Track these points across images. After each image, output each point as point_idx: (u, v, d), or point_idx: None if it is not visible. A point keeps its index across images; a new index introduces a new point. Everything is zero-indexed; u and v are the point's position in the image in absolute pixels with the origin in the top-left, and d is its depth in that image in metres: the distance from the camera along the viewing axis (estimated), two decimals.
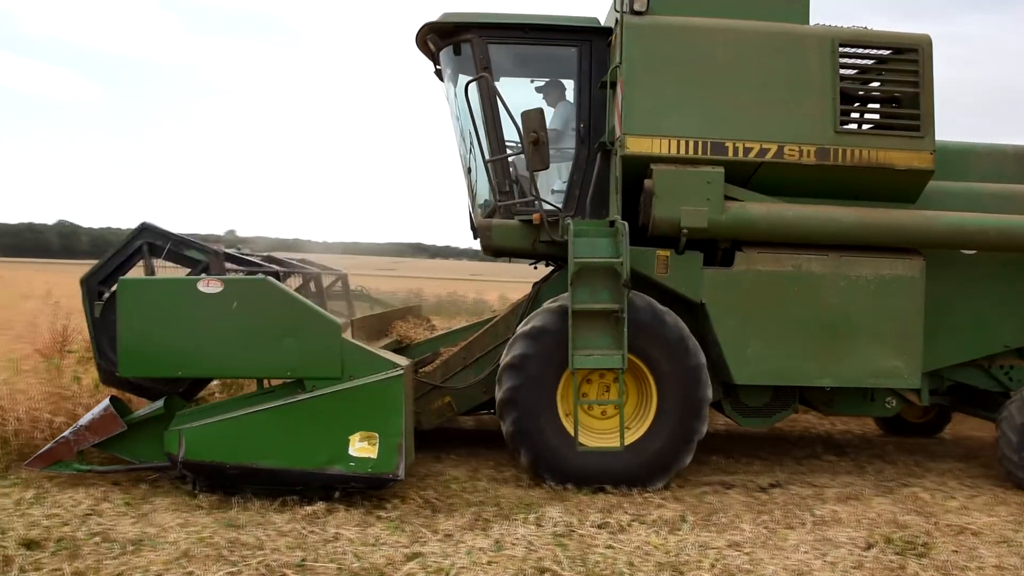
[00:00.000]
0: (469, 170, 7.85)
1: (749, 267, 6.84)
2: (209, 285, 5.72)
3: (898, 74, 6.97)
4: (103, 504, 5.44)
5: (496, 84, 7.22)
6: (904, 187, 6.96)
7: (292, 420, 5.70)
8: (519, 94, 7.60)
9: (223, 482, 5.77)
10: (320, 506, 5.49)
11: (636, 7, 6.70)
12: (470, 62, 7.31)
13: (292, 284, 8.29)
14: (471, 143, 7.55)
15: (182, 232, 6.44)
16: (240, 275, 6.46)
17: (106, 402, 6.08)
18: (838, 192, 6.94)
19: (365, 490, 5.76)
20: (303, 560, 4.55)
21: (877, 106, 7.13)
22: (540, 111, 6.90)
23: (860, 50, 6.95)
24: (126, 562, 4.42)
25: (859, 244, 6.92)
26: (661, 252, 6.86)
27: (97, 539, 4.74)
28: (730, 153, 6.70)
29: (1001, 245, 7.07)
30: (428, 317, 10.15)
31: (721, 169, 6.67)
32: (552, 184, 7.71)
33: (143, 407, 6.26)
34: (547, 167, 7.04)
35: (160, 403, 6.07)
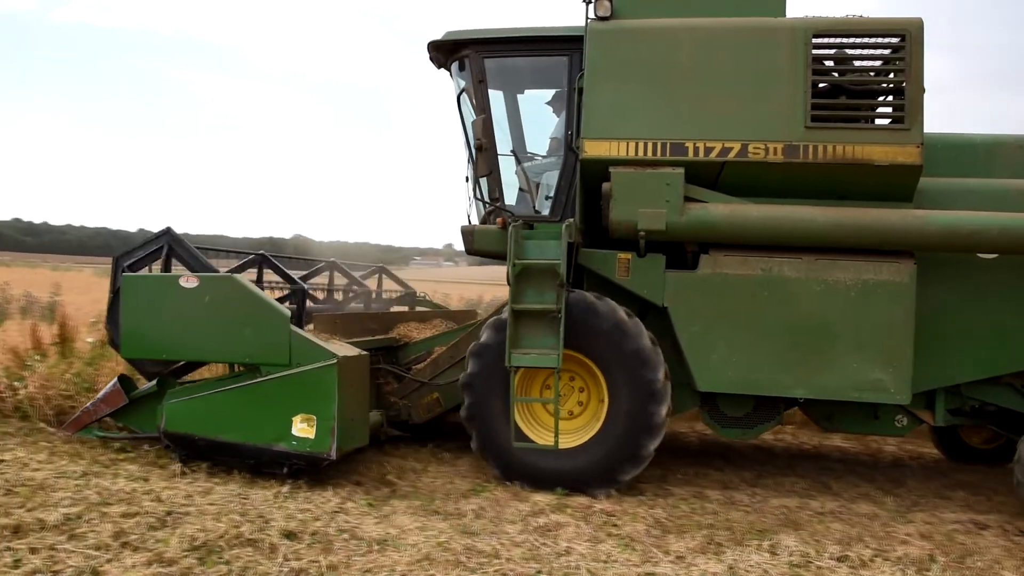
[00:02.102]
0: (467, 178, 7.91)
1: (715, 270, 6.68)
2: (188, 281, 6.69)
3: (881, 63, 6.57)
4: (348, 503, 5.80)
5: (489, 96, 7.43)
6: (891, 184, 6.49)
7: (247, 400, 6.49)
8: (531, 106, 7.91)
9: (194, 452, 6.67)
10: (552, 518, 5.62)
11: (600, 13, 6.79)
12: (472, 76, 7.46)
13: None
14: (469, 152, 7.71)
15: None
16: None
17: (115, 380, 7.28)
18: (817, 191, 6.59)
19: (306, 468, 6.36)
20: (538, 572, 4.71)
21: (844, 98, 6.62)
22: (484, 119, 7.20)
23: (838, 39, 6.56)
24: (373, 560, 4.73)
25: (838, 246, 6.53)
26: (622, 255, 6.86)
27: (346, 536, 5.09)
28: (690, 153, 6.57)
29: (1005, 247, 6.41)
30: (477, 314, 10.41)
31: (681, 170, 6.56)
32: (546, 191, 7.70)
33: (145, 385, 7.33)
34: (491, 173, 7.28)
35: (154, 382, 7.12)
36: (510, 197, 7.64)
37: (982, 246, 6.46)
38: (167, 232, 7.15)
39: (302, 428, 6.31)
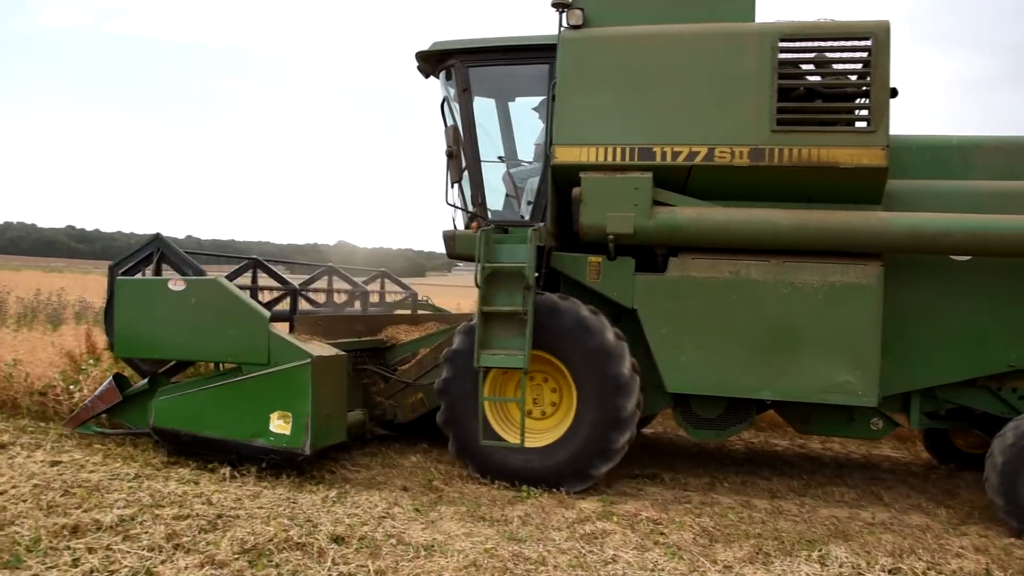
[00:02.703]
0: (452, 183, 7.97)
1: (683, 273, 6.78)
2: (176, 284, 7.01)
3: (847, 66, 6.57)
4: (395, 508, 5.86)
5: (478, 103, 7.63)
6: (857, 187, 6.50)
7: (229, 398, 6.80)
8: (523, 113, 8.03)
9: (180, 447, 7.01)
10: (598, 526, 5.60)
11: (572, 22, 6.91)
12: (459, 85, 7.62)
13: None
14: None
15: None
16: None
17: (111, 378, 7.64)
18: (785, 194, 6.63)
19: (282, 463, 6.65)
20: None
21: (820, 101, 6.62)
22: (454, 128, 7.39)
23: (804, 44, 6.59)
24: (421, 566, 4.76)
25: (803, 249, 6.57)
26: (593, 258, 7.02)
27: (393, 541, 5.13)
28: (658, 158, 6.66)
29: (971, 249, 6.38)
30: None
31: (649, 175, 6.66)
32: (529, 196, 7.83)
33: (138, 383, 7.65)
34: (459, 180, 7.53)
35: (146, 380, 7.49)
36: (496, 202, 7.80)
37: (948, 248, 6.42)
38: (157, 237, 7.54)
39: (279, 424, 6.59)
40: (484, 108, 7.89)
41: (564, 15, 6.92)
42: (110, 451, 7.09)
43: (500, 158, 7.89)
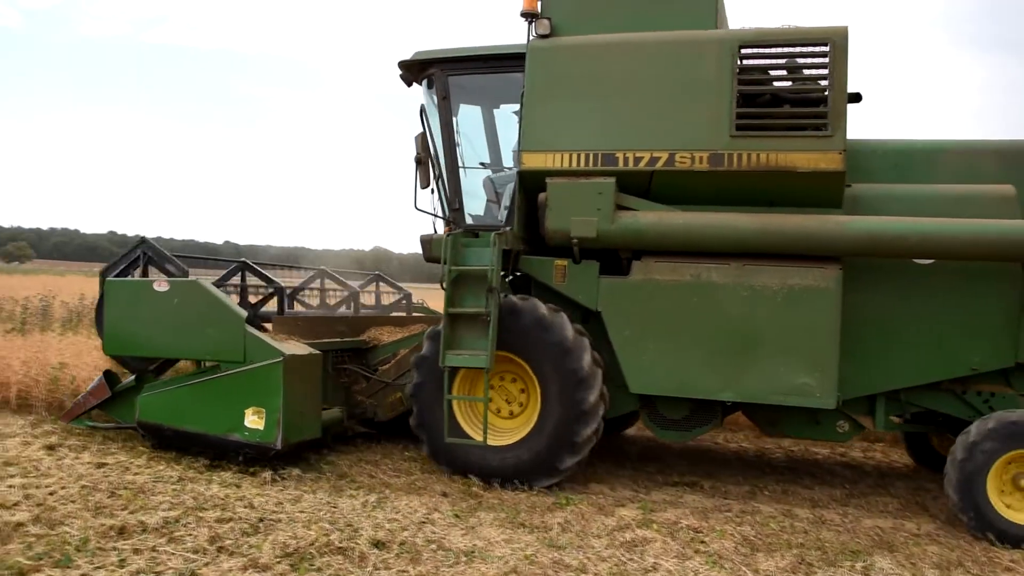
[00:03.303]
0: (432, 189, 8.16)
1: (645, 276, 6.91)
2: (160, 285, 7.34)
3: (805, 71, 6.66)
4: (435, 514, 5.88)
5: (460, 110, 7.80)
6: (816, 190, 6.57)
7: (207, 394, 7.10)
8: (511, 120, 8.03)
9: (164, 441, 7.33)
10: (638, 533, 5.59)
11: (540, 32, 7.12)
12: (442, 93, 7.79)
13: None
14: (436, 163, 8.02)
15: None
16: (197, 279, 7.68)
17: (101, 375, 8.06)
18: (745, 199, 6.74)
19: (256, 457, 6.91)
20: None
21: (784, 107, 6.70)
22: (423, 135, 7.53)
23: (764, 50, 6.71)
24: (461, 572, 4.80)
25: (761, 252, 6.63)
26: (559, 261, 7.20)
27: (433, 546, 5.14)
28: (621, 164, 6.82)
29: (927, 252, 6.42)
30: None
31: (612, 180, 6.82)
32: (506, 201, 7.88)
33: (127, 380, 8.03)
34: (427, 186, 7.72)
35: (132, 377, 7.87)
36: (479, 207, 7.95)
37: (905, 252, 6.45)
38: (143, 242, 7.97)
39: (253, 420, 6.87)
40: (470, 115, 8.08)
41: (533, 25, 7.15)
42: (154, 453, 7.19)
43: (483, 164, 8.05)
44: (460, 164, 7.84)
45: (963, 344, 6.59)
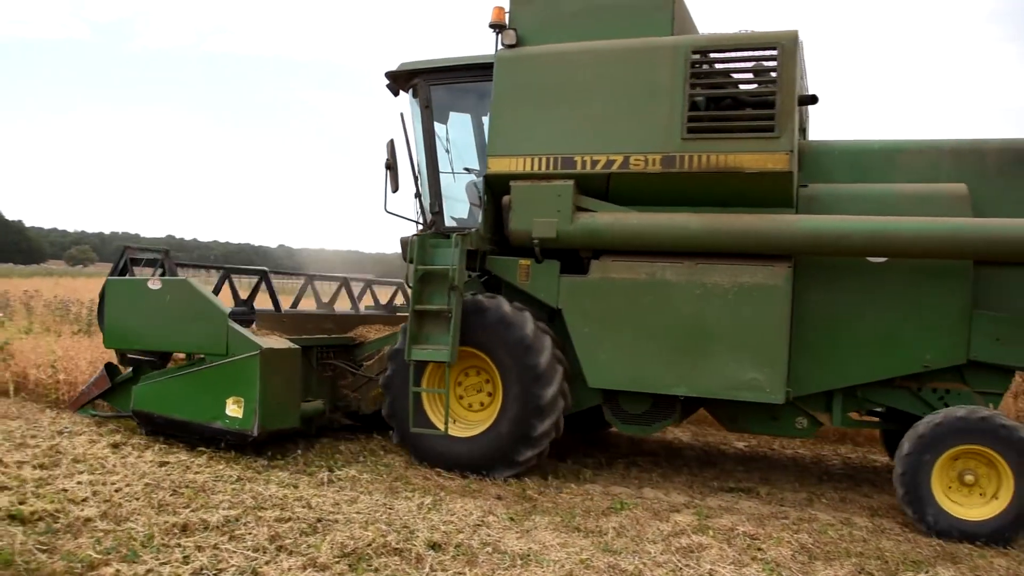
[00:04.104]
0: (416, 193, 8.49)
1: (604, 275, 7.15)
2: (154, 284, 7.87)
3: (753, 75, 6.85)
4: (490, 517, 5.92)
5: (444, 118, 8.15)
6: (765, 190, 6.72)
7: (193, 384, 7.56)
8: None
9: (155, 428, 7.80)
10: (694, 539, 5.54)
11: (506, 42, 7.45)
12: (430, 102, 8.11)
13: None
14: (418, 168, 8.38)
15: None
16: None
17: (103, 367, 8.77)
18: (699, 199, 6.92)
19: (236, 443, 7.34)
20: None
21: (727, 109, 6.91)
22: (392, 142, 7.90)
23: (715, 55, 6.90)
24: (517, 575, 4.76)
25: (712, 251, 6.81)
26: (523, 261, 7.50)
27: (489, 549, 5.16)
28: (579, 167, 7.10)
29: (873, 250, 6.53)
30: None
31: (571, 182, 7.10)
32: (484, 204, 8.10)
33: (125, 371, 8.59)
34: (397, 190, 7.99)
35: (130, 369, 8.43)
36: (463, 211, 8.20)
37: (849, 250, 6.57)
38: (127, 247, 8.69)
39: (233, 409, 7.31)
40: (455, 121, 8.36)
41: (500, 36, 7.50)
42: (213, 453, 7.34)
43: (467, 169, 8.23)
44: (450, 168, 8.17)
45: (916, 341, 6.67)
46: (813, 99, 7.32)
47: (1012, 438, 6.02)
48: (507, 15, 7.56)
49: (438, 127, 8.20)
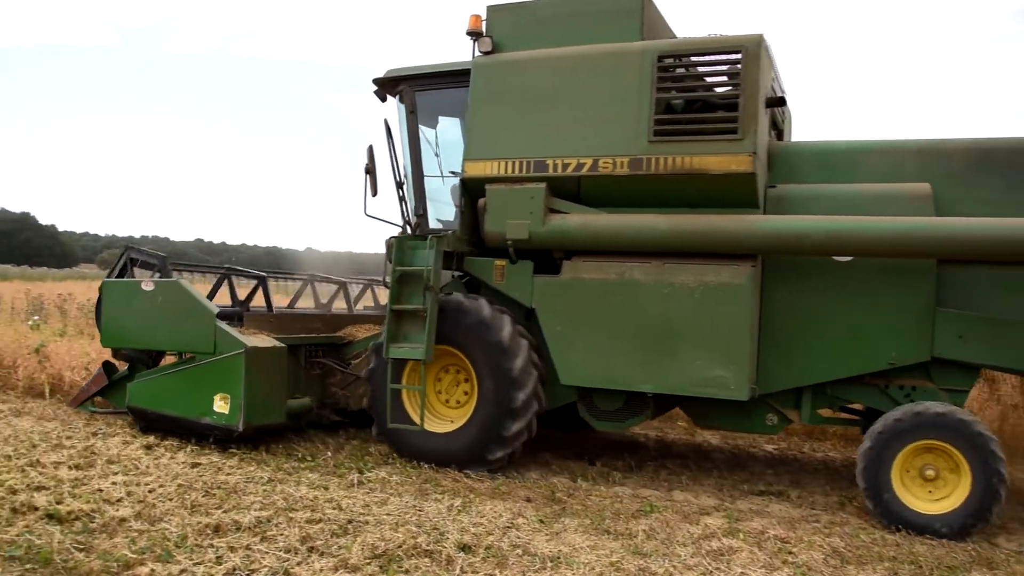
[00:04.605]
0: (401, 197, 8.65)
1: (575, 275, 7.32)
2: (147, 285, 8.21)
3: (718, 78, 7.01)
4: (519, 519, 5.92)
5: (433, 124, 8.37)
6: (729, 191, 6.83)
7: (183, 381, 7.89)
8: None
9: (148, 424, 8.09)
10: (724, 543, 5.51)
11: (482, 49, 7.67)
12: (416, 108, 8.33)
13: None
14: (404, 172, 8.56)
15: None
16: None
17: (101, 365, 9.15)
18: (666, 201, 7.05)
19: (223, 438, 7.60)
20: None
21: (695, 112, 7.03)
22: (371, 147, 8.16)
23: (681, 59, 7.04)
24: None
25: (678, 251, 6.95)
26: (498, 262, 7.68)
27: (519, 551, 5.16)
28: (551, 170, 7.27)
29: (831, 249, 6.66)
30: None
31: (543, 185, 7.29)
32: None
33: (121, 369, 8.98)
34: (376, 194, 8.25)
35: (126, 367, 8.79)
36: (448, 214, 8.32)
37: (808, 249, 6.70)
38: (128, 248, 9.13)
39: (220, 405, 7.59)
40: (444, 125, 8.53)
41: (476, 43, 7.71)
42: (244, 455, 7.42)
43: (452, 173, 8.34)
44: (436, 172, 8.37)
45: (881, 339, 6.77)
46: (781, 101, 7.45)
47: (968, 433, 6.13)
48: (484, 23, 7.76)
49: (426, 131, 8.42)
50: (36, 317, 14.98)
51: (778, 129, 8.18)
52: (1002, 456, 6.09)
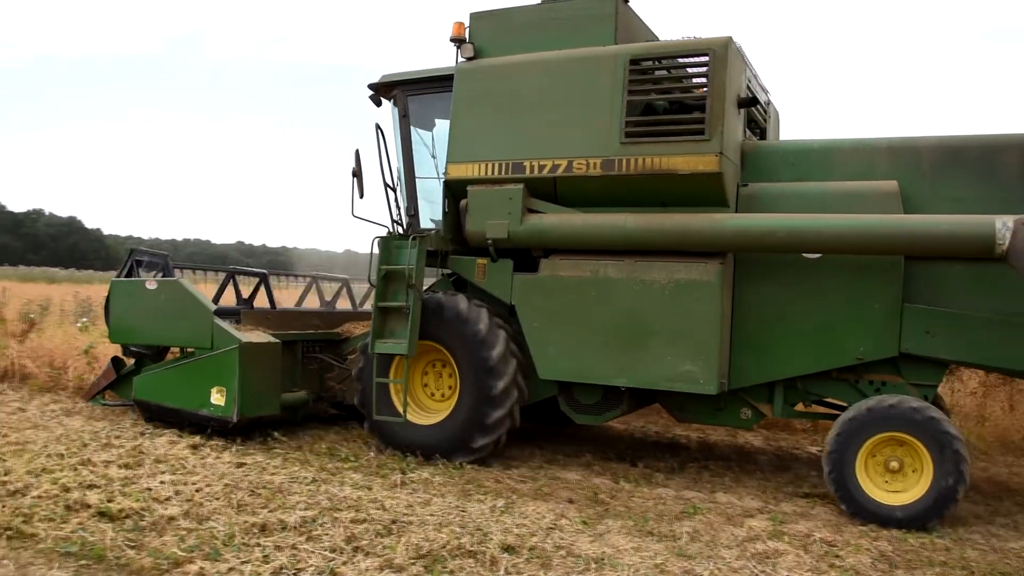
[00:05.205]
0: (395, 198, 8.92)
1: (552, 272, 7.57)
2: (151, 284, 8.62)
3: (687, 80, 7.21)
4: (562, 520, 5.92)
5: (412, 128, 8.62)
6: (698, 190, 6.98)
7: (183, 375, 8.31)
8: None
9: (152, 415, 8.56)
10: (769, 545, 5.46)
11: (465, 55, 7.94)
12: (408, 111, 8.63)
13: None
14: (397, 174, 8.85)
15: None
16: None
17: (110, 360, 9.73)
18: (638, 200, 7.24)
19: (220, 429, 7.99)
20: None
21: (666, 114, 7.22)
22: (357, 151, 8.39)
23: (651, 63, 7.19)
24: None
25: (649, 249, 7.15)
26: (480, 260, 7.96)
27: (563, 553, 5.16)
28: (528, 171, 7.52)
29: (792, 246, 6.82)
30: None
31: (521, 186, 7.53)
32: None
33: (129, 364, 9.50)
34: (363, 196, 8.49)
35: (132, 362, 9.33)
36: (438, 214, 8.46)
37: (773, 246, 6.87)
38: (133, 250, 9.65)
39: (216, 397, 7.96)
40: (444, 128, 8.52)
41: (459, 49, 7.97)
42: (288, 455, 7.51)
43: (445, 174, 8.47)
44: (432, 173, 8.60)
45: (849, 334, 6.88)
46: (753, 101, 7.56)
47: (926, 424, 6.26)
48: (467, 30, 8.03)
49: (423, 134, 8.75)
50: (84, 319, 15.23)
51: (760, 128, 8.43)
52: (958, 435, 6.26)
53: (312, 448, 7.94)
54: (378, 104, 8.87)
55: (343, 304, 11.32)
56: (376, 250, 8.02)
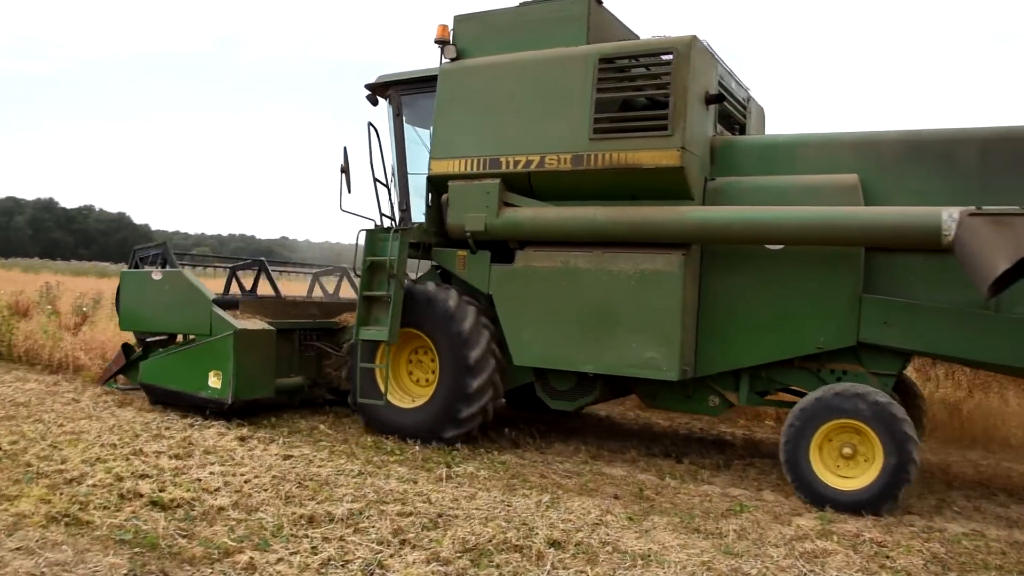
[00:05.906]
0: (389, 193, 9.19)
1: (527, 263, 7.90)
2: (156, 275, 9.23)
3: (651, 78, 7.37)
4: (608, 516, 5.90)
5: (404, 126, 8.95)
6: (662, 184, 7.23)
7: (184, 360, 8.80)
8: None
9: (157, 398, 9.11)
10: (818, 544, 5.39)
11: (448, 56, 8.31)
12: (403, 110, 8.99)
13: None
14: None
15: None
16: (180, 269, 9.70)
17: (121, 347, 10.31)
18: (607, 194, 7.54)
19: (217, 411, 8.51)
20: None
21: (632, 111, 7.47)
22: (345, 148, 8.62)
23: (619, 62, 7.42)
24: (638, 575, 4.66)
25: (617, 240, 7.43)
26: (460, 252, 8.34)
27: (609, 548, 5.15)
28: (503, 166, 7.86)
29: (750, 237, 7.01)
30: None
31: (498, 181, 7.87)
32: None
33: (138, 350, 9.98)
34: (351, 192, 8.73)
35: (141, 348, 9.86)
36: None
37: (732, 237, 7.07)
38: (137, 248, 10.39)
39: (214, 381, 8.46)
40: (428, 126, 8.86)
41: (443, 51, 8.31)
42: (334, 448, 7.59)
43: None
44: (423, 170, 8.69)
45: (810, 324, 7.06)
46: (719, 98, 7.77)
47: (876, 411, 6.39)
48: (451, 32, 8.36)
49: (420, 132, 9.02)
50: None
51: (739, 124, 8.68)
52: (904, 417, 6.37)
53: (358, 441, 8.00)
54: (374, 103, 9.20)
55: (347, 293, 11.74)
56: (362, 242, 8.35)
